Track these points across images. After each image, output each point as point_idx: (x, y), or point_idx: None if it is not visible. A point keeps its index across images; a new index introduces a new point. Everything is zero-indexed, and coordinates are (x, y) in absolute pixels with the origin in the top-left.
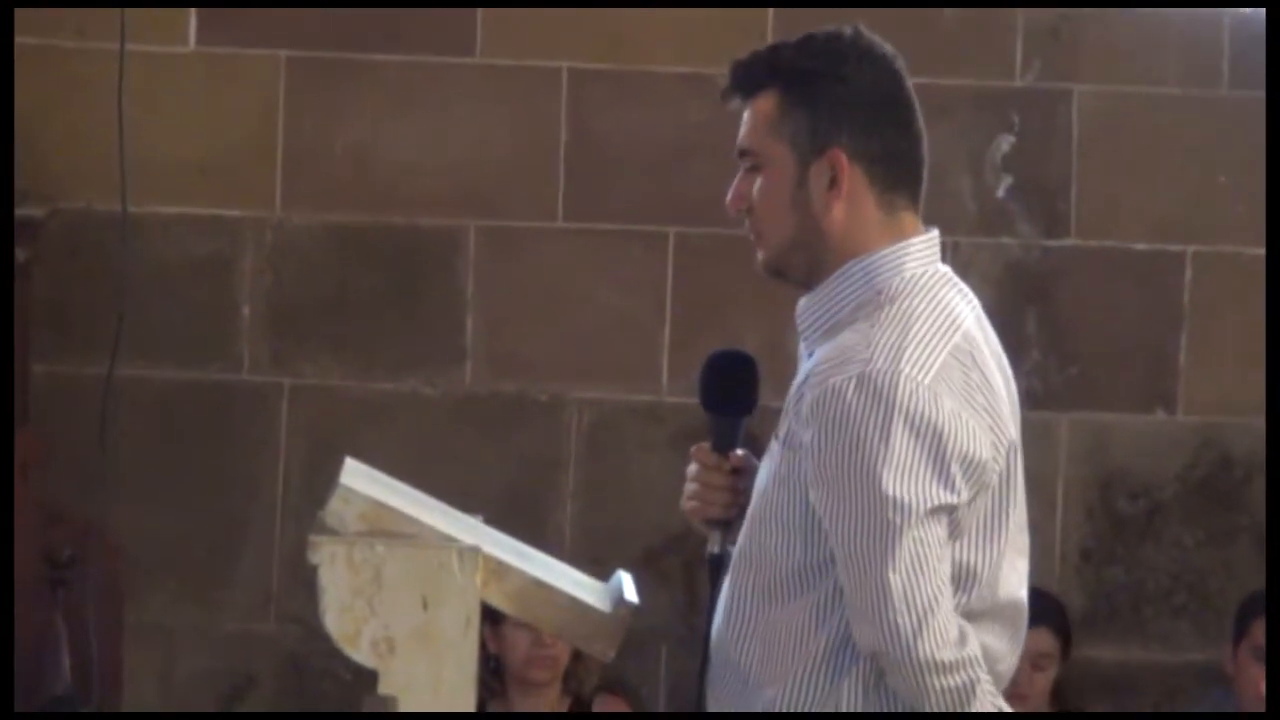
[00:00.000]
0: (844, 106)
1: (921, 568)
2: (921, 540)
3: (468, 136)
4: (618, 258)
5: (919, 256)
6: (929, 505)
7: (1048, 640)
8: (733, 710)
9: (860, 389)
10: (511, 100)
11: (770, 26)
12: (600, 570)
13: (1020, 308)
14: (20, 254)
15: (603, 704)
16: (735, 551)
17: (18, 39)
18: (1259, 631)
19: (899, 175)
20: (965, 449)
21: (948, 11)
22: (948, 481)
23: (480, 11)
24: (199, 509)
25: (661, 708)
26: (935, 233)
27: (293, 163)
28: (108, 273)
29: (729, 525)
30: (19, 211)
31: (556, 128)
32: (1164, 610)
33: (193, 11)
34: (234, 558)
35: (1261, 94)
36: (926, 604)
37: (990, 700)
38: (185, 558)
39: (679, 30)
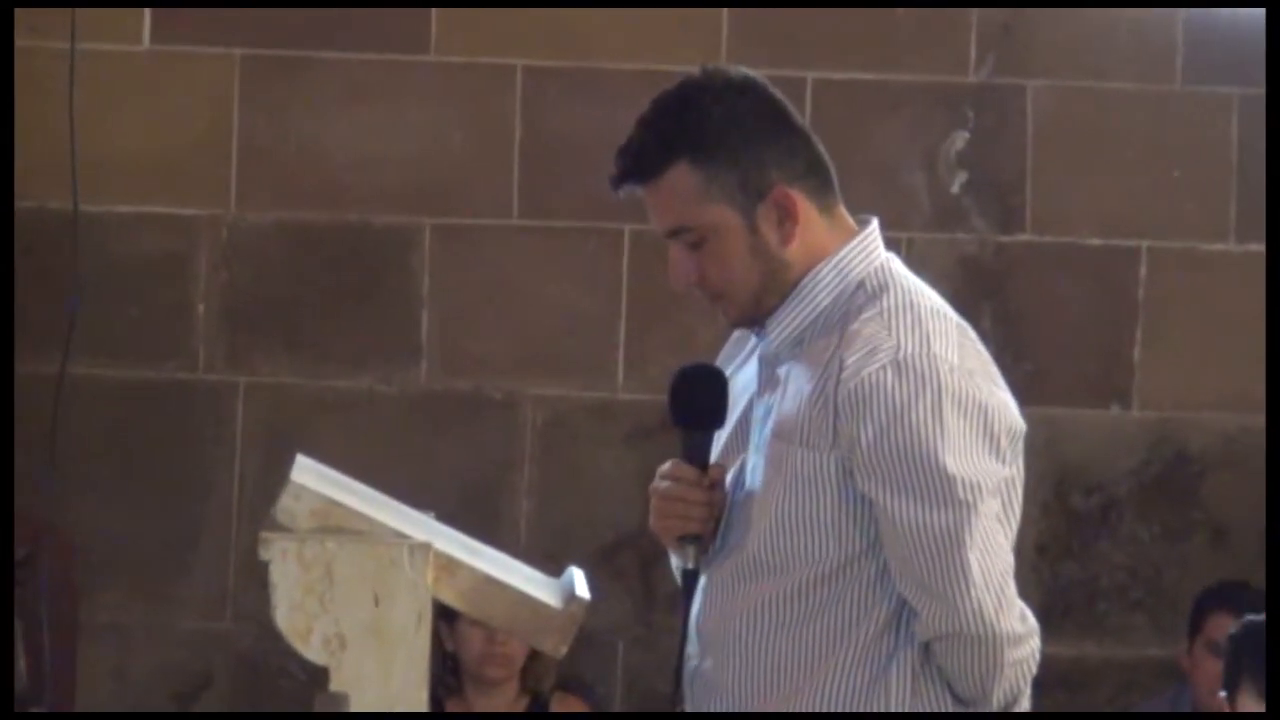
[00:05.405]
0: (756, 143)
1: (991, 543)
2: (988, 516)
3: (423, 134)
4: (573, 255)
5: (877, 245)
6: (992, 481)
7: None
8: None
9: (899, 374)
10: (466, 97)
11: (725, 24)
12: (556, 567)
13: (975, 303)
14: None
15: (560, 703)
16: (745, 560)
17: None
18: (1214, 626)
19: (823, 178)
20: (1007, 422)
21: (901, 9)
22: (1000, 455)
23: (434, 9)
24: (154, 507)
25: (618, 704)
26: (875, 221)
27: (247, 161)
28: (61, 272)
29: (701, 539)
30: None
31: (511, 125)
32: (1119, 606)
33: (146, 10)
34: (189, 556)
35: (1214, 89)
36: (1001, 578)
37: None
38: (140, 556)
39: (633, 27)
